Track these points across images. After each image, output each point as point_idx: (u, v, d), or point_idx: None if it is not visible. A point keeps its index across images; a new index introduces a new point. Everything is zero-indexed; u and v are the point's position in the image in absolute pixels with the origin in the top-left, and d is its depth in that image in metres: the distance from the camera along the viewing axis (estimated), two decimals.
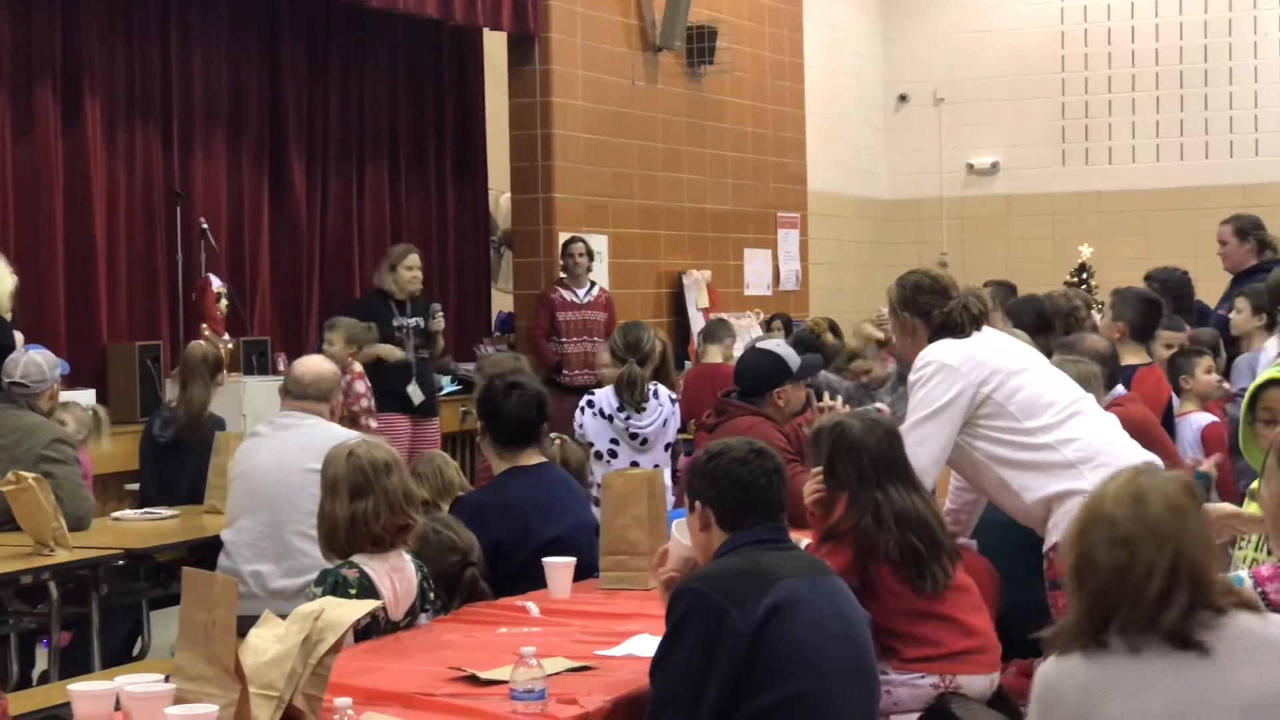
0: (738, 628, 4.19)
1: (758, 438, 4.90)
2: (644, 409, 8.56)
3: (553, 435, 7.05)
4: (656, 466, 8.29)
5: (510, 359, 9.06)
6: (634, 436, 8.51)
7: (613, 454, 8.38)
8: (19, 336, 8.96)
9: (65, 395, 8.99)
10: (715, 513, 4.47)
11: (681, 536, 4.83)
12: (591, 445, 8.26)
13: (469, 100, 14.06)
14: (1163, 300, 8.86)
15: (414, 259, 11.22)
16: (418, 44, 13.47)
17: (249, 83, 12.34)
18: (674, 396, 8.81)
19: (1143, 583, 3.33)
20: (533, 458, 6.27)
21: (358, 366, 10.02)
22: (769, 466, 4.49)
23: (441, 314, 11.18)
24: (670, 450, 8.71)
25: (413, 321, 11.09)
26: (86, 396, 10.04)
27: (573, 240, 12.80)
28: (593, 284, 12.68)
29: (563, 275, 12.76)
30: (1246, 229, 10.04)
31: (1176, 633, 3.34)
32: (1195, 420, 8.11)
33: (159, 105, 11.65)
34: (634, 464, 8.39)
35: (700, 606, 4.25)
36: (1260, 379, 5.59)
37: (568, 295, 12.53)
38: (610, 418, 8.47)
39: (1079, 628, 3.43)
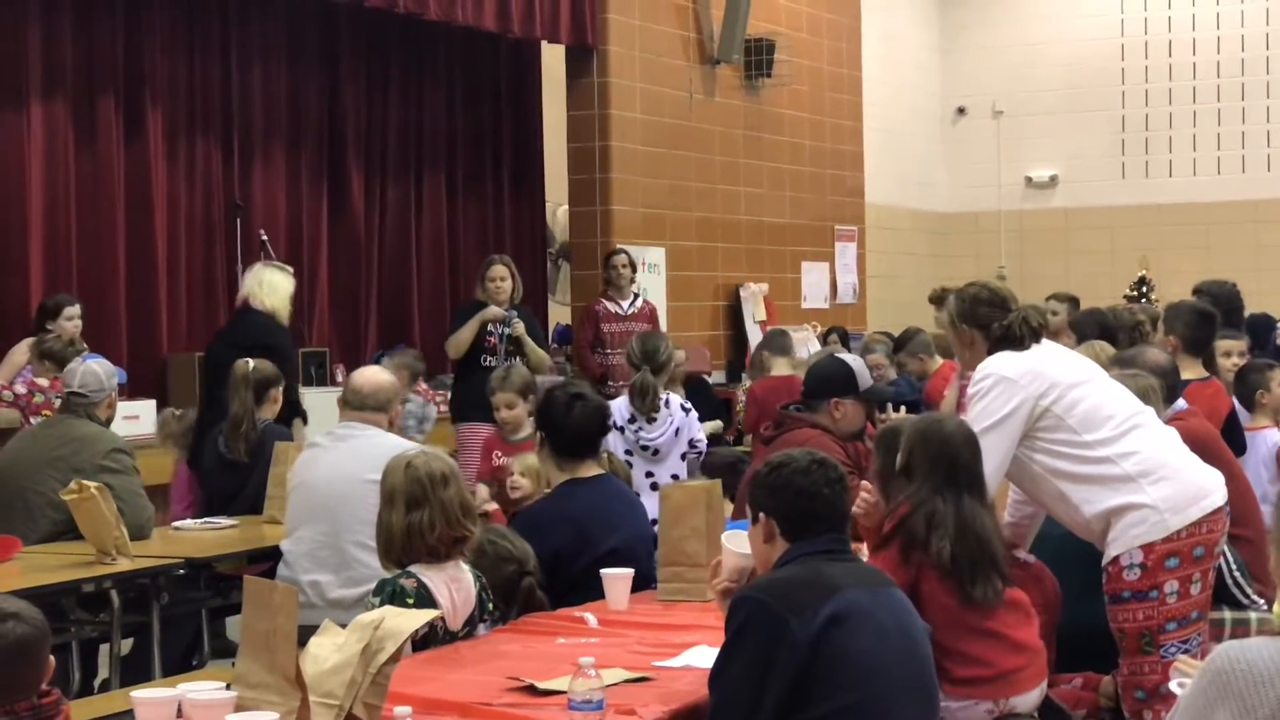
0: (797, 637, 4.18)
1: (817, 449, 4.88)
2: (655, 419, 8.56)
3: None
4: (675, 477, 8.33)
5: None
6: (645, 448, 8.50)
7: (628, 464, 8.23)
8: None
9: (126, 406, 9.08)
10: (779, 524, 4.47)
11: (733, 547, 4.84)
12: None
13: (526, 113, 14.10)
14: (1216, 312, 8.73)
15: (497, 270, 10.95)
16: (476, 56, 13.52)
17: (308, 95, 12.42)
18: (686, 406, 8.78)
19: None
20: (591, 469, 6.26)
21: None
22: (832, 477, 4.48)
23: (518, 322, 10.93)
24: (687, 460, 8.64)
25: (505, 329, 10.93)
26: (146, 407, 10.11)
27: (616, 252, 12.74)
28: (636, 295, 12.59)
29: (606, 287, 12.72)
30: None
31: None
32: (1270, 437, 7.96)
33: (219, 118, 11.74)
34: (648, 474, 8.40)
35: (760, 615, 4.26)
36: None
37: (612, 307, 12.46)
38: (622, 429, 8.45)
39: None
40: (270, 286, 9.54)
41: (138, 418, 9.89)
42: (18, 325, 10.23)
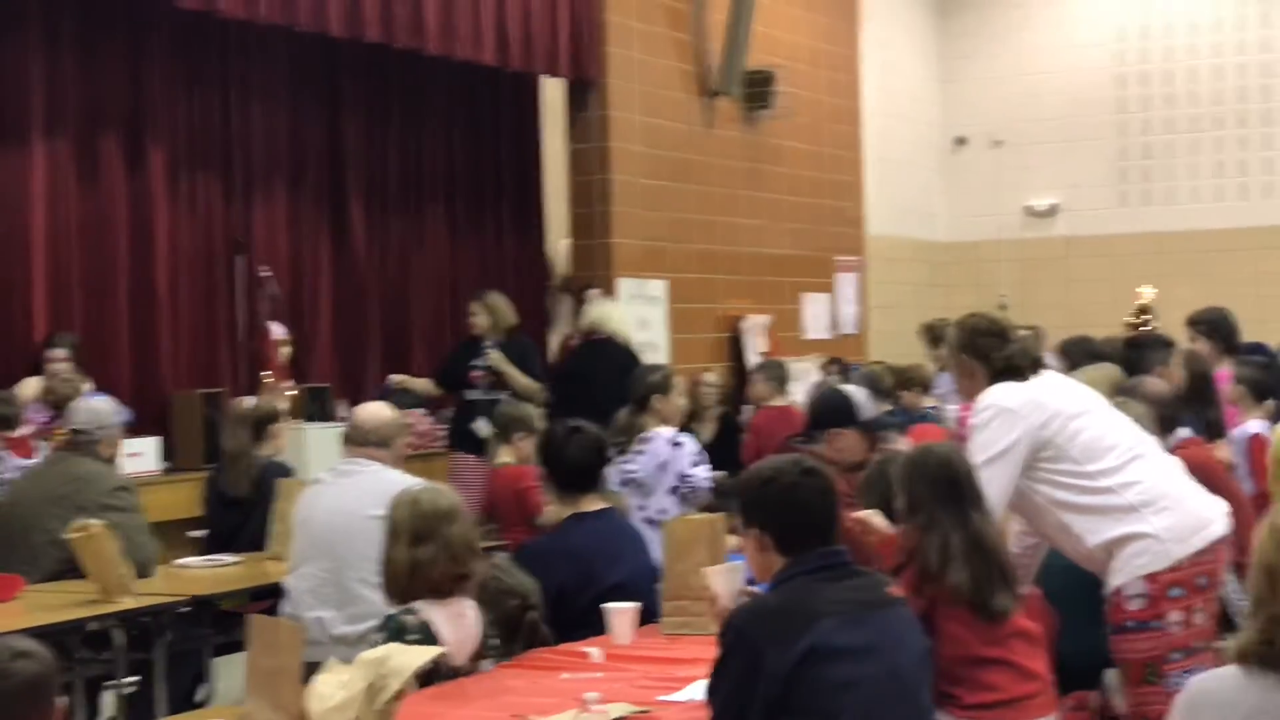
0: (772, 667, 4.21)
1: (810, 459, 4.88)
2: (643, 452, 8.55)
3: None
4: (664, 512, 8.24)
5: None
6: (628, 481, 8.48)
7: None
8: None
9: (130, 443, 9.08)
10: (771, 537, 4.47)
11: (715, 578, 4.88)
12: None
13: (527, 146, 14.11)
14: (1206, 365, 8.65)
15: (473, 305, 11.39)
16: (476, 91, 13.53)
17: (309, 131, 12.42)
18: (676, 440, 8.73)
19: None
20: (594, 503, 6.28)
21: None
22: (821, 487, 4.51)
23: (491, 352, 11.18)
24: (679, 494, 8.57)
25: (486, 361, 11.17)
26: (149, 444, 10.12)
27: (588, 287, 12.97)
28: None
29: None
30: None
31: None
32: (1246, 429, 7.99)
33: (220, 154, 11.75)
34: (640, 507, 8.37)
35: (739, 643, 4.31)
36: None
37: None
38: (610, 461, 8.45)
39: (1253, 646, 3.27)
40: (617, 317, 11.09)
41: (141, 454, 9.90)
42: (21, 360, 10.24)
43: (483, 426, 10.94)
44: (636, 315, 13.21)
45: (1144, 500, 5.47)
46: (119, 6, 10.49)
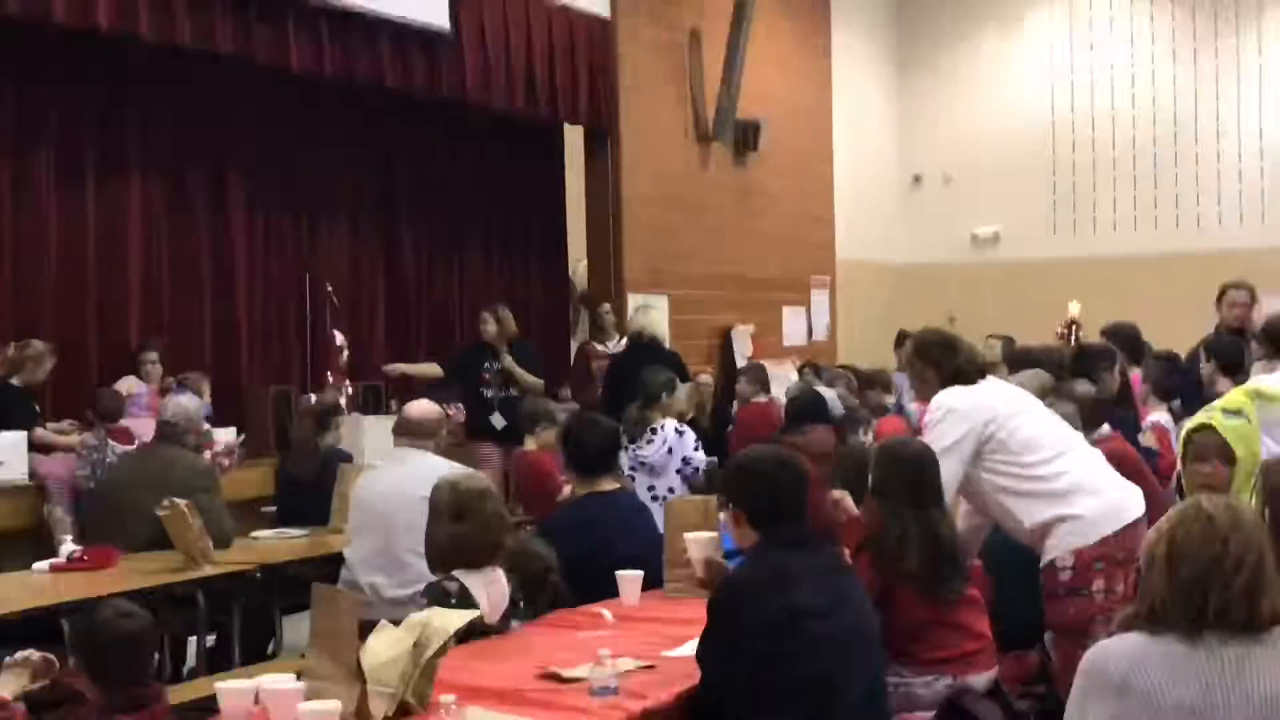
0: (755, 626, 4.23)
1: (786, 451, 4.89)
2: (653, 440, 8.52)
3: None
4: (672, 490, 8.31)
5: None
6: (642, 464, 8.47)
7: (631, 478, 8.28)
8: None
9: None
10: (747, 514, 4.48)
11: (694, 542, 5.01)
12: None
13: (550, 183, 14.08)
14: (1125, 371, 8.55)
15: (484, 314, 11.39)
16: (508, 135, 13.50)
17: (365, 169, 12.46)
18: (680, 429, 8.72)
19: (1232, 574, 3.25)
20: (609, 484, 6.26)
21: None
22: (792, 475, 4.51)
23: (507, 358, 11.20)
24: (683, 474, 8.57)
25: (498, 365, 11.19)
26: (227, 433, 10.12)
27: (600, 304, 12.98)
28: (620, 336, 12.63)
29: (596, 332, 12.90)
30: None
31: (1258, 622, 3.26)
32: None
33: (291, 188, 11.77)
34: (650, 487, 8.37)
35: (727, 605, 4.33)
36: (1190, 424, 5.53)
37: (600, 347, 12.61)
38: (625, 448, 8.43)
39: (1153, 607, 3.32)
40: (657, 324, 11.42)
41: (220, 445, 9.88)
42: (123, 362, 10.29)
43: (498, 420, 11.00)
44: (641, 325, 13.17)
45: (1072, 487, 5.46)
46: (208, 68, 10.48)
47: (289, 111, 11.64)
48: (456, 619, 4.16)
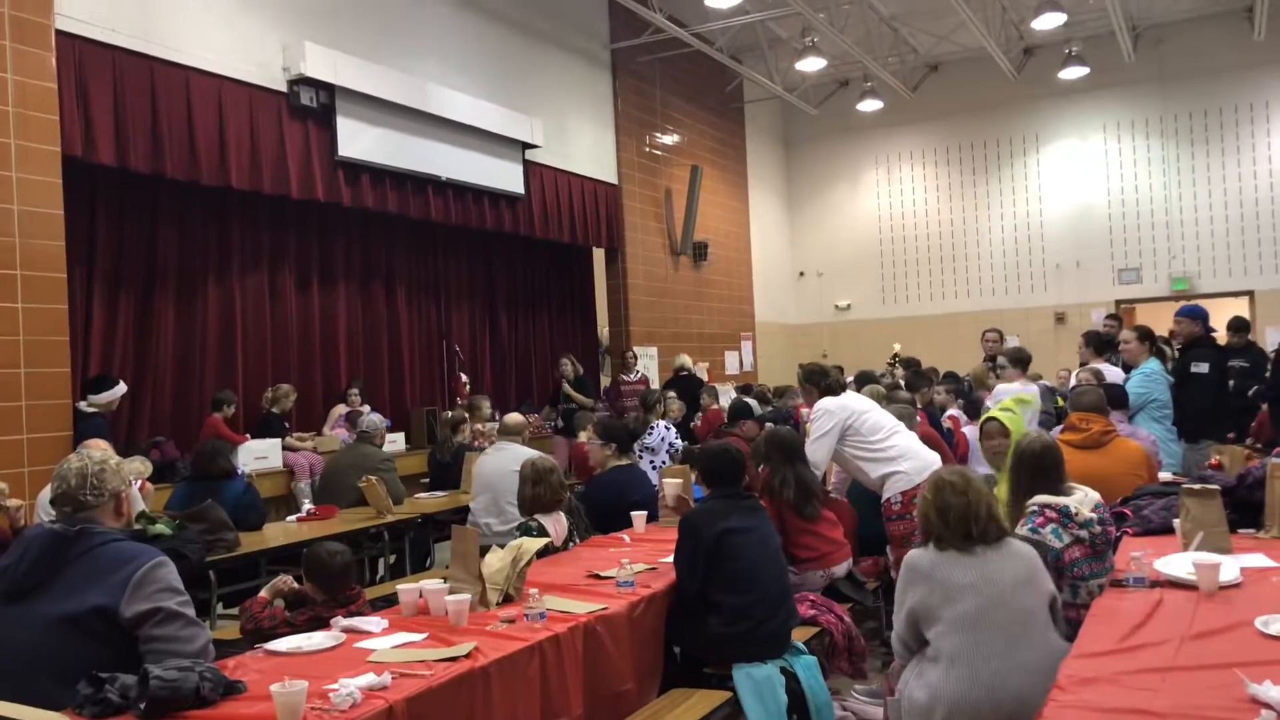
0: (705, 539, 4.19)
1: (732, 445, 4.89)
2: (651, 433, 8.41)
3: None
4: (664, 463, 8.16)
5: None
6: (645, 448, 8.38)
7: (641, 456, 8.15)
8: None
9: (391, 436, 9.02)
10: (704, 477, 4.48)
11: (669, 489, 5.01)
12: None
13: (585, 281, 14.06)
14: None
15: (562, 361, 11.39)
16: (560, 251, 13.49)
17: (477, 270, 12.38)
18: (669, 426, 8.57)
19: (976, 512, 3.35)
20: (626, 459, 6.22)
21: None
22: (729, 458, 4.48)
23: (572, 390, 11.25)
24: (670, 454, 8.40)
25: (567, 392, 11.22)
26: (398, 437, 10.06)
27: (627, 351, 12.88)
28: (638, 372, 12.60)
29: (623, 368, 12.78)
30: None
31: (993, 539, 3.35)
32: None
33: (434, 289, 11.72)
34: (651, 463, 8.24)
35: (687, 529, 4.28)
36: (983, 417, 5.52)
37: (626, 377, 12.54)
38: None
39: (939, 536, 3.40)
40: (690, 362, 11.50)
41: (395, 442, 9.87)
42: (337, 395, 10.23)
43: (562, 423, 10.99)
44: (642, 366, 13.18)
45: (899, 454, 5.46)
46: (382, 219, 10.48)
47: (431, 243, 11.64)
48: (537, 543, 4.16)
